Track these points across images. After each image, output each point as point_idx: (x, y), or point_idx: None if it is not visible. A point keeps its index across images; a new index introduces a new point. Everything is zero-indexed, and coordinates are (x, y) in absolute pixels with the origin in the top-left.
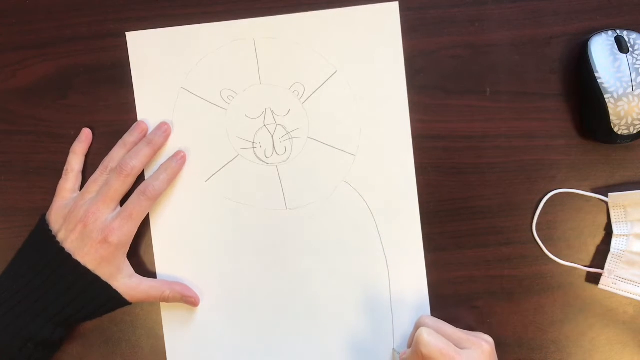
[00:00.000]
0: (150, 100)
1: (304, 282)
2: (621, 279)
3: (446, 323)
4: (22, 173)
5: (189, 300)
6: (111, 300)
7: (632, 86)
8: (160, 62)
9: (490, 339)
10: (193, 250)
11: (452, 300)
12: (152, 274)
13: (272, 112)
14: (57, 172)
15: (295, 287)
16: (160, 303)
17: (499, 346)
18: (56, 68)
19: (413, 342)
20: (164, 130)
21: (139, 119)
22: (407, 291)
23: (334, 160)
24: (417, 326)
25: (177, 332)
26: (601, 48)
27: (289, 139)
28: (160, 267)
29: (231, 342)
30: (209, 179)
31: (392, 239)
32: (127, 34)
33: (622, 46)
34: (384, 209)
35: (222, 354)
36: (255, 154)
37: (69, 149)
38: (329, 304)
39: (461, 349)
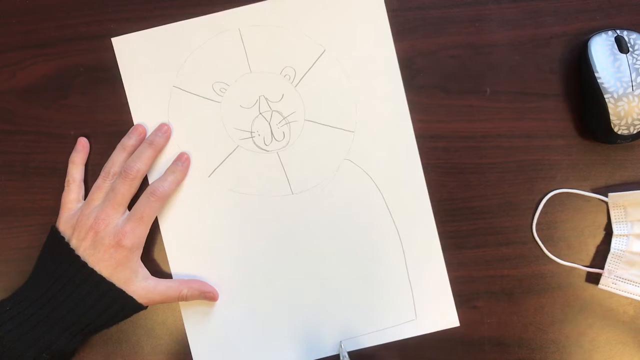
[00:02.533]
0: (144, 102)
1: (318, 264)
2: (621, 279)
3: None
4: (22, 173)
5: (208, 295)
6: (126, 306)
7: (632, 86)
8: (149, 63)
9: None
10: (205, 245)
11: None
12: (167, 275)
13: (266, 99)
14: (57, 172)
15: (310, 269)
16: (181, 308)
17: (499, 346)
18: (56, 68)
19: None
20: (164, 131)
21: (134, 123)
22: (423, 261)
23: (334, 140)
24: None
25: (198, 326)
26: (601, 48)
27: (286, 124)
28: (174, 267)
29: (251, 331)
30: (211, 174)
31: (401, 210)
32: (112, 39)
33: (622, 46)
34: (389, 182)
35: (244, 343)
36: (254, 143)
37: (69, 148)
38: (345, 283)
39: None
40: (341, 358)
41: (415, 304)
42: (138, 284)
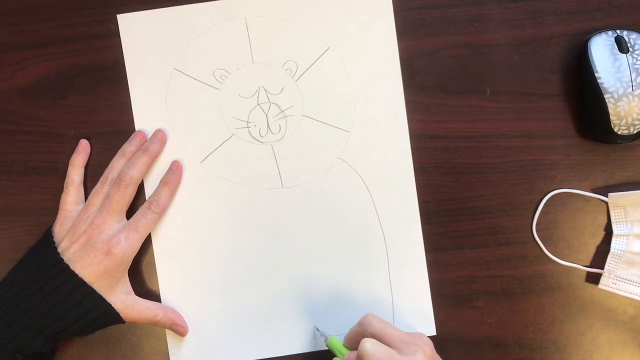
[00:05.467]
0: (144, 82)
1: (302, 260)
2: (621, 279)
3: (390, 324)
4: (22, 173)
5: (178, 329)
6: (105, 315)
7: (632, 86)
8: (152, 43)
9: (430, 342)
10: (190, 230)
11: (452, 300)
12: (151, 257)
13: (266, 90)
14: (57, 172)
15: (293, 265)
16: (161, 292)
17: (499, 346)
18: (56, 68)
19: (358, 352)
20: (160, 137)
21: (132, 101)
22: (407, 268)
23: (329, 138)
24: (361, 325)
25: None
26: (601, 48)
27: (283, 117)
28: (158, 249)
29: (231, 323)
30: (204, 160)
31: (389, 214)
32: (118, 16)
33: (622, 46)
34: (380, 185)
35: (220, 334)
36: (249, 133)
37: (69, 149)
38: (327, 282)
39: (404, 353)
40: (316, 338)
41: (394, 309)
42: (119, 296)
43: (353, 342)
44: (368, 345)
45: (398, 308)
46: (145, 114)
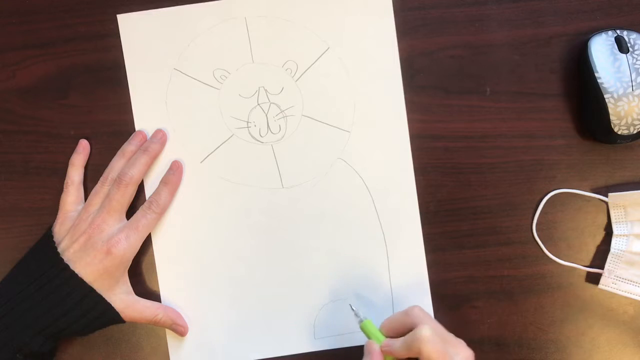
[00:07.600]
0: (144, 82)
1: (302, 260)
2: (621, 279)
3: (435, 321)
4: (22, 173)
5: (178, 328)
6: (105, 314)
7: (632, 86)
8: (152, 43)
9: (470, 352)
10: (190, 231)
11: (452, 300)
12: (151, 257)
13: (266, 90)
14: (57, 172)
15: (293, 264)
16: (161, 292)
17: (499, 346)
18: (56, 68)
19: (410, 337)
20: (160, 137)
21: (132, 101)
22: (405, 266)
23: (329, 138)
24: (408, 315)
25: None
26: (601, 48)
27: (283, 117)
28: (158, 249)
29: (231, 323)
30: (204, 160)
31: (389, 214)
32: (118, 16)
33: (622, 46)
34: (380, 185)
35: (220, 334)
36: (249, 133)
37: (69, 149)
38: (327, 282)
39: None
40: (355, 315)
41: (395, 309)
42: (119, 295)
43: (393, 330)
44: (427, 331)
45: (398, 308)
46: (145, 114)
